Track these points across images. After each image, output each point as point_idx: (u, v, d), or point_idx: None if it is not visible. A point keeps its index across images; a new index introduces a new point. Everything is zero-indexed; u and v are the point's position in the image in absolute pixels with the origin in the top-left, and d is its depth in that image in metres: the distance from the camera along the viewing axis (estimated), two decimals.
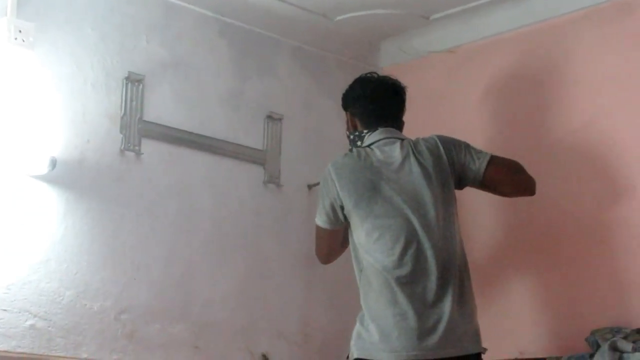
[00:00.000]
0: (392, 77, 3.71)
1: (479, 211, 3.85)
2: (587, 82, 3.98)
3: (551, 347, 3.87)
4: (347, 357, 3.46)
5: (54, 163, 3.51)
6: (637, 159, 3.77)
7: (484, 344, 3.42)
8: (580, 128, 3.95)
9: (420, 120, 3.76)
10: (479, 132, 4.11)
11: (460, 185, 3.58)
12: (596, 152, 3.89)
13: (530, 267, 4.05)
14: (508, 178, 3.63)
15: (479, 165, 3.55)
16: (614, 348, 3.52)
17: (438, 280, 3.34)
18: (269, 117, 4.33)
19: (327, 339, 4.34)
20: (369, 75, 3.72)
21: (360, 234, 3.45)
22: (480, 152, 3.58)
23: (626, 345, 3.50)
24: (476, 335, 3.42)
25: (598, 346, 3.59)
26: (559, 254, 3.95)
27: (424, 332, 3.29)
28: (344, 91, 3.74)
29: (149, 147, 3.90)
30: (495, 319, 3.90)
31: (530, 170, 3.88)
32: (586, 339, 3.69)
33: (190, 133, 4.03)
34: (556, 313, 3.94)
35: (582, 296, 3.86)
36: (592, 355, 3.59)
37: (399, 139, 3.57)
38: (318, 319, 4.34)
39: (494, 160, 3.57)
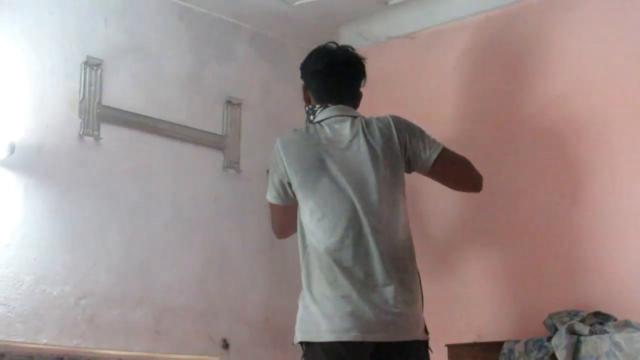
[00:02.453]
0: (350, 48, 3.64)
1: (436, 195, 3.85)
2: (547, 66, 4.00)
3: (509, 331, 3.88)
4: (293, 342, 3.44)
5: (12, 148, 3.49)
6: (597, 142, 3.80)
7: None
8: (540, 112, 3.97)
9: (380, 106, 3.75)
10: (438, 119, 4.11)
11: (408, 169, 3.56)
12: (556, 136, 3.91)
13: (488, 251, 4.07)
14: (455, 173, 3.63)
15: (428, 155, 3.52)
16: (572, 331, 3.54)
17: (381, 265, 3.31)
18: (228, 102, 4.33)
19: (288, 323, 4.24)
20: (326, 46, 3.65)
21: (305, 213, 3.42)
22: (433, 142, 3.55)
23: (583, 329, 3.53)
24: (420, 322, 3.39)
25: (556, 329, 3.61)
26: (516, 237, 3.97)
27: (365, 314, 3.26)
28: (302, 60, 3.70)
29: (108, 132, 3.88)
30: (453, 303, 3.93)
31: (490, 154, 3.92)
32: (544, 322, 3.71)
33: (150, 118, 4.02)
34: (514, 297, 3.96)
35: (540, 280, 3.88)
36: (549, 338, 3.61)
37: (351, 116, 3.52)
38: (278, 303, 4.34)
39: (444, 154, 3.55)
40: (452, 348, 3.87)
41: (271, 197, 3.57)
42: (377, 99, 3.75)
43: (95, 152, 3.84)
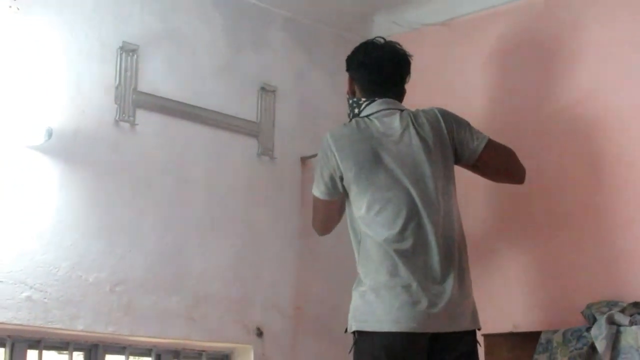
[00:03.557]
0: (398, 44, 3.66)
1: (474, 185, 3.83)
2: (583, 55, 3.97)
3: (546, 321, 3.85)
4: (345, 330, 3.44)
5: (50, 133, 3.47)
6: (635, 131, 3.77)
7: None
8: (578, 101, 3.94)
9: (412, 94, 3.73)
10: (471, 108, 4.05)
11: (455, 160, 3.57)
12: (594, 125, 3.87)
13: (525, 240, 4.04)
14: (502, 164, 3.65)
15: (476, 146, 3.55)
16: (611, 321, 3.52)
17: (438, 255, 3.34)
18: (263, 89, 4.30)
19: (321, 311, 4.34)
20: (375, 41, 3.67)
21: (360, 206, 3.42)
22: (479, 133, 3.58)
23: (623, 319, 3.51)
24: (474, 312, 3.43)
25: (594, 320, 3.59)
26: (554, 226, 3.94)
27: (425, 305, 3.28)
28: (349, 53, 3.71)
29: (144, 117, 3.86)
30: (489, 293, 3.89)
31: (525, 145, 3.90)
32: (582, 313, 3.69)
33: (184, 104, 4.00)
34: (551, 286, 3.93)
35: (578, 269, 3.85)
36: (588, 329, 3.59)
37: (399, 109, 3.54)
38: (311, 291, 4.33)
39: (491, 144, 3.58)
40: (488, 338, 3.84)
41: (319, 192, 3.56)
42: (409, 87, 3.72)
43: (131, 138, 3.82)
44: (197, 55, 4.09)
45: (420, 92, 3.85)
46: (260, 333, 4.10)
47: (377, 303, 3.32)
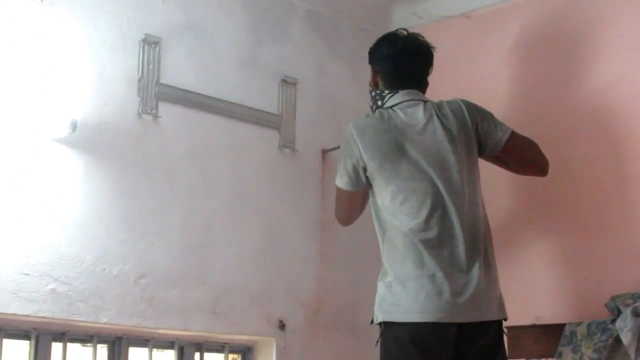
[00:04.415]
0: (420, 36, 3.66)
1: (498, 175, 3.82)
2: (606, 46, 3.97)
3: (569, 313, 3.86)
4: (372, 321, 3.44)
5: (74, 126, 3.45)
6: None
7: None
8: (601, 92, 3.93)
9: (433, 86, 3.73)
10: (494, 99, 4.04)
11: (479, 152, 3.57)
12: (618, 116, 3.87)
13: (549, 232, 4.04)
14: (525, 155, 3.66)
15: (500, 137, 3.55)
16: (637, 313, 3.52)
17: (465, 245, 3.34)
18: (284, 81, 4.30)
19: (342, 303, 4.34)
20: (397, 33, 3.67)
21: (385, 196, 3.42)
22: (502, 124, 3.59)
23: None
24: (501, 302, 3.43)
25: (619, 312, 3.59)
26: (578, 218, 3.94)
27: (452, 295, 3.29)
28: (371, 45, 3.72)
29: (166, 110, 3.85)
30: (512, 284, 3.87)
31: (547, 137, 3.89)
32: (606, 305, 3.69)
33: (206, 96, 3.99)
34: (574, 278, 3.93)
35: (602, 261, 3.84)
36: (613, 321, 3.60)
37: (422, 100, 3.55)
38: (333, 283, 4.33)
39: (515, 135, 3.59)
40: (511, 330, 3.82)
41: (342, 183, 3.56)
42: (430, 79, 3.72)
43: (154, 131, 3.81)
44: (218, 47, 4.08)
45: (440, 84, 3.85)
46: (282, 326, 4.10)
47: (403, 294, 3.32)
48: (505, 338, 3.48)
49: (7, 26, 3.42)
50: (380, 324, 3.38)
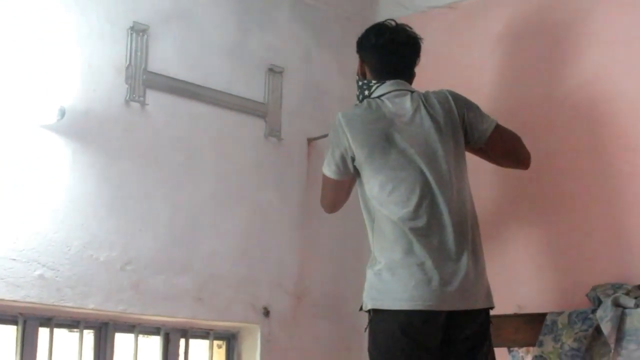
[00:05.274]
0: (408, 27, 3.69)
1: (483, 167, 3.85)
2: (590, 40, 3.99)
3: (551, 303, 3.89)
4: (360, 308, 3.47)
5: (62, 112, 3.48)
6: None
7: None
8: (585, 85, 3.96)
9: (418, 76, 3.75)
10: (477, 91, 4.04)
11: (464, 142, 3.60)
12: (601, 109, 3.90)
13: (531, 222, 4.08)
14: (509, 148, 3.69)
15: (485, 129, 3.59)
16: (617, 304, 3.56)
17: (453, 234, 3.38)
18: (270, 70, 4.31)
19: (327, 291, 4.38)
20: (386, 23, 3.69)
21: (373, 186, 3.45)
22: (487, 116, 3.62)
23: (629, 301, 3.55)
24: (488, 291, 3.47)
25: (599, 302, 3.63)
26: (560, 208, 3.98)
27: (440, 283, 3.32)
28: (359, 35, 3.74)
29: (154, 98, 3.87)
30: (495, 273, 3.87)
31: (530, 128, 3.93)
32: (587, 295, 3.73)
33: (194, 85, 4.01)
34: (556, 268, 3.97)
35: (583, 252, 3.89)
36: (594, 311, 3.63)
37: (409, 91, 3.58)
38: (317, 271, 4.36)
39: (499, 128, 3.62)
40: (493, 319, 3.81)
41: (330, 171, 3.59)
42: (416, 69, 3.75)
43: (141, 118, 3.83)
44: (206, 36, 4.10)
45: (425, 75, 3.86)
46: (267, 313, 4.13)
47: (393, 281, 3.35)
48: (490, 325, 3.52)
49: None
50: (369, 311, 3.41)
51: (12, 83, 3.41)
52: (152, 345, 3.99)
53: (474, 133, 3.58)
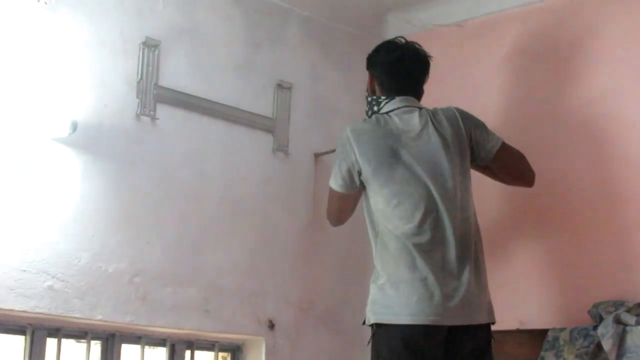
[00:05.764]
0: (418, 45, 3.73)
1: (487, 184, 3.88)
2: (595, 59, 4.04)
3: (553, 319, 3.93)
4: (364, 322, 3.51)
5: (75, 126, 3.52)
6: None
7: None
8: (590, 103, 4.01)
9: (425, 93, 3.79)
10: (484, 109, 4.09)
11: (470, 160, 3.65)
12: (605, 127, 3.95)
13: (534, 239, 4.12)
14: (514, 166, 3.75)
15: (491, 147, 3.64)
16: (618, 321, 3.60)
17: (456, 250, 3.42)
18: (279, 85, 4.36)
19: (331, 304, 4.42)
20: (396, 41, 3.74)
21: (378, 200, 3.50)
22: (494, 134, 3.67)
23: (630, 319, 3.58)
24: (490, 306, 3.51)
25: (601, 319, 3.67)
26: (563, 226, 4.02)
27: (442, 299, 3.36)
28: (370, 52, 3.78)
29: (164, 112, 3.92)
30: (498, 289, 3.91)
31: (536, 146, 3.98)
32: (588, 312, 3.76)
33: (203, 99, 4.06)
34: (558, 285, 4.01)
35: (585, 269, 3.93)
36: (595, 327, 3.67)
37: (418, 107, 3.62)
38: (322, 284, 4.40)
39: (505, 147, 3.68)
40: (495, 334, 3.84)
41: (336, 185, 3.63)
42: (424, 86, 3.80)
43: (152, 132, 3.88)
44: (216, 51, 4.15)
45: (432, 92, 3.90)
46: (272, 325, 4.17)
47: (395, 296, 3.39)
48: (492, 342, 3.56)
49: (11, 28, 3.50)
50: (372, 325, 3.45)
51: (26, 97, 3.47)
52: (158, 356, 4.03)
53: (480, 151, 3.63)
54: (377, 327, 3.43)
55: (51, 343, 3.66)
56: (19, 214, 3.45)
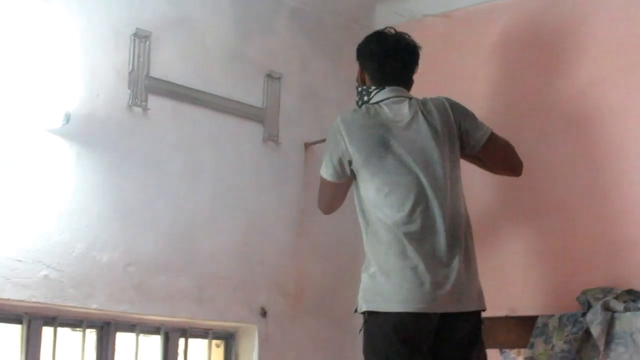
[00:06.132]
0: (407, 35, 3.76)
1: (475, 171, 3.92)
2: (583, 49, 4.08)
3: (542, 306, 3.98)
4: (355, 310, 3.55)
5: (68, 117, 3.55)
6: (632, 125, 3.89)
7: None
8: (578, 93, 4.05)
9: (414, 83, 3.83)
10: (471, 99, 4.07)
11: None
12: (593, 116, 4.00)
13: (524, 227, 4.17)
14: (502, 156, 3.79)
15: (481, 136, 3.67)
16: (607, 308, 3.65)
17: (446, 238, 3.45)
18: (269, 75, 4.39)
19: (323, 292, 4.46)
20: (385, 31, 3.77)
21: (369, 189, 3.53)
22: (483, 124, 3.70)
23: (618, 305, 3.64)
24: (480, 294, 3.55)
25: (589, 305, 3.72)
26: (552, 214, 4.07)
27: (433, 286, 3.40)
28: (360, 42, 3.81)
29: (155, 103, 3.94)
30: (488, 276, 3.94)
31: (524, 135, 4.02)
32: (577, 298, 3.82)
33: (194, 90, 4.08)
34: (547, 272, 4.06)
35: (574, 256, 3.98)
36: (584, 314, 3.72)
37: (407, 97, 3.65)
38: (313, 273, 4.44)
39: (493, 136, 3.71)
40: (485, 321, 3.87)
41: (327, 174, 3.66)
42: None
43: (143, 123, 3.90)
44: (206, 42, 4.17)
45: (421, 82, 3.93)
46: (264, 313, 4.21)
47: (386, 284, 3.43)
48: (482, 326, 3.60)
49: (3, 20, 3.51)
50: (363, 313, 3.49)
51: (19, 89, 3.49)
52: (152, 344, 4.06)
53: (470, 141, 3.66)
54: (369, 315, 3.46)
55: (47, 332, 3.69)
56: (14, 206, 3.47)
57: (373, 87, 3.68)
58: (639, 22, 3.95)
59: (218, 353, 4.28)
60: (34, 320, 3.63)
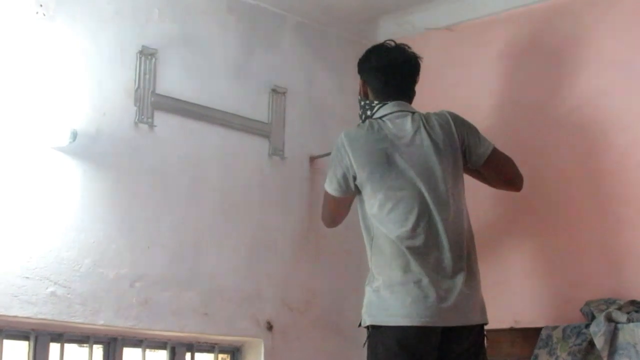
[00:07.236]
0: (408, 47, 3.78)
1: (480, 186, 3.93)
2: (585, 62, 4.10)
3: (546, 317, 4.00)
4: (359, 325, 3.57)
5: (74, 135, 3.59)
6: (635, 137, 3.91)
7: None
8: (581, 105, 4.07)
9: (417, 96, 3.83)
10: (475, 112, 4.12)
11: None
12: (597, 128, 4.01)
13: (526, 239, 4.19)
14: (504, 171, 3.81)
15: (483, 151, 3.70)
16: (610, 319, 3.66)
17: (449, 252, 3.48)
18: (274, 90, 4.42)
19: (328, 306, 4.48)
20: (385, 44, 3.79)
21: (373, 204, 3.56)
22: (485, 139, 3.72)
23: (621, 316, 3.65)
24: (483, 307, 3.57)
25: (593, 317, 3.73)
26: (555, 226, 4.09)
27: (436, 300, 3.42)
28: (360, 56, 3.84)
29: (162, 119, 3.98)
30: (491, 288, 3.97)
31: (528, 147, 4.03)
32: (581, 310, 3.83)
33: (200, 106, 4.12)
34: (551, 284, 4.08)
35: (577, 268, 3.99)
36: (587, 325, 3.73)
37: (410, 112, 3.67)
38: (319, 287, 4.46)
39: (495, 152, 3.73)
40: (490, 333, 3.92)
41: (331, 189, 3.69)
42: (415, 89, 3.85)
43: (150, 139, 3.94)
44: (212, 58, 4.21)
45: (423, 95, 3.96)
46: (270, 327, 4.23)
47: (390, 299, 3.46)
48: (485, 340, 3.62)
49: (10, 38, 3.56)
50: (367, 327, 3.52)
51: (26, 107, 3.53)
52: (159, 359, 4.09)
53: (472, 156, 3.69)
54: (373, 329, 3.49)
55: (54, 348, 3.72)
56: (21, 223, 3.51)
57: (376, 102, 3.71)
58: (636, 31, 3.97)
59: None
60: (41, 336, 3.66)
